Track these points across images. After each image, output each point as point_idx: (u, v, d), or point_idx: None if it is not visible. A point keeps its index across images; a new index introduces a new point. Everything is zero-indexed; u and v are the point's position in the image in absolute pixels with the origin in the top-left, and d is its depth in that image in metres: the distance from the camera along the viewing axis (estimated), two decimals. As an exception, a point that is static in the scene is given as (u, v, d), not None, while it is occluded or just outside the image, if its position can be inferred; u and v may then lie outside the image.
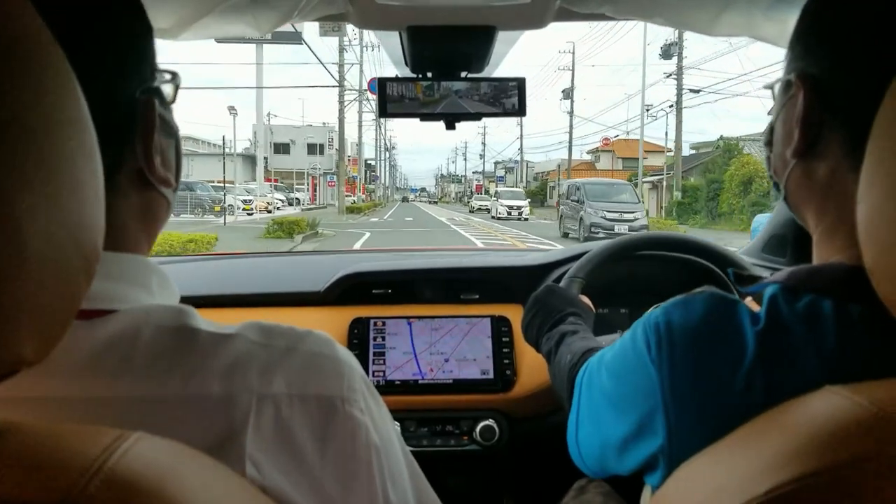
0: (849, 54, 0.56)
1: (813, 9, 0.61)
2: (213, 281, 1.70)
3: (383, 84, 1.12)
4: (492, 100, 1.13)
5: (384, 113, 1.12)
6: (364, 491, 0.48)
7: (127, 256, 0.50)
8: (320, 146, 48.27)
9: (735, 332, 0.54)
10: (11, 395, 0.42)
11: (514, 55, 1.30)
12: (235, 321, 0.50)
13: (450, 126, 1.17)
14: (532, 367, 1.42)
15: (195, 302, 0.53)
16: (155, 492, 0.33)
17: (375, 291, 1.56)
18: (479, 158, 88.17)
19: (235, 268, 1.90)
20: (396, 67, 1.29)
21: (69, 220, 0.34)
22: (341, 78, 29.51)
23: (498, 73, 1.27)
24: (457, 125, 1.16)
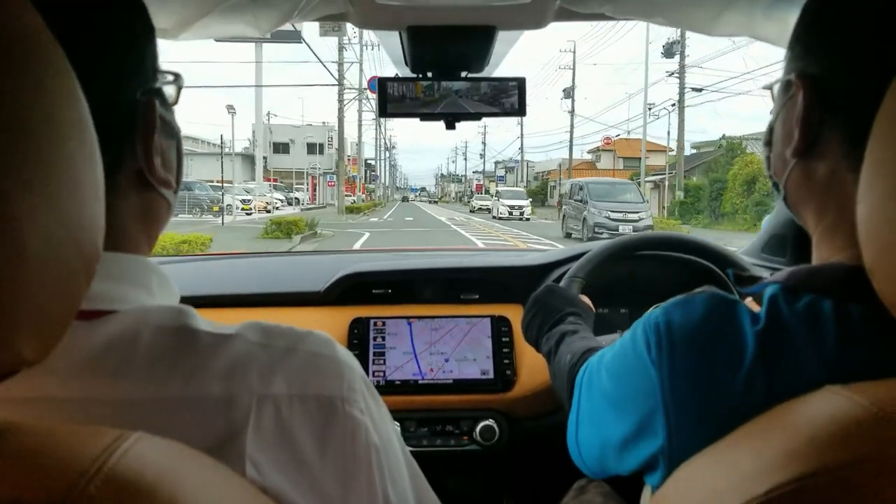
0: (849, 54, 0.56)
1: (813, 8, 0.61)
2: (213, 281, 1.70)
3: (383, 84, 1.12)
4: (492, 100, 1.13)
5: (384, 113, 1.12)
6: (364, 491, 0.48)
7: (127, 257, 0.50)
8: (320, 146, 48.17)
9: (735, 333, 0.54)
10: (11, 395, 0.42)
11: (515, 55, 1.31)
12: (235, 321, 0.50)
13: (450, 126, 1.17)
14: (532, 367, 1.42)
15: (195, 302, 0.53)
16: (155, 492, 0.33)
17: (375, 291, 1.56)
18: (480, 158, 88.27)
19: (235, 268, 1.90)
20: (396, 67, 1.29)
21: (69, 221, 0.34)
22: (341, 77, 29.48)
23: (498, 73, 1.27)
24: (457, 125, 1.16)
